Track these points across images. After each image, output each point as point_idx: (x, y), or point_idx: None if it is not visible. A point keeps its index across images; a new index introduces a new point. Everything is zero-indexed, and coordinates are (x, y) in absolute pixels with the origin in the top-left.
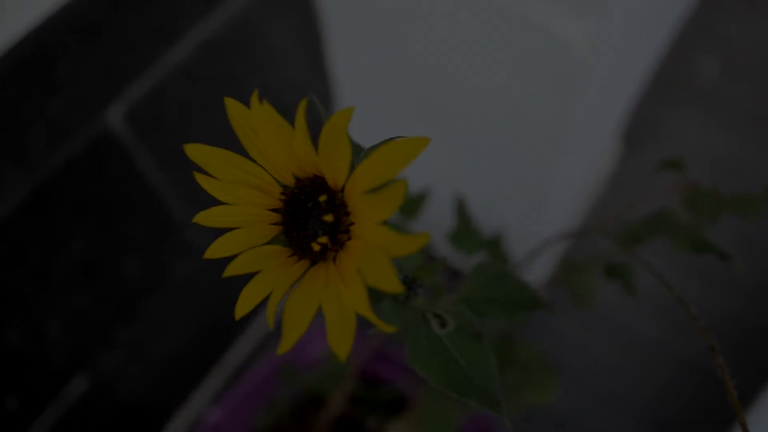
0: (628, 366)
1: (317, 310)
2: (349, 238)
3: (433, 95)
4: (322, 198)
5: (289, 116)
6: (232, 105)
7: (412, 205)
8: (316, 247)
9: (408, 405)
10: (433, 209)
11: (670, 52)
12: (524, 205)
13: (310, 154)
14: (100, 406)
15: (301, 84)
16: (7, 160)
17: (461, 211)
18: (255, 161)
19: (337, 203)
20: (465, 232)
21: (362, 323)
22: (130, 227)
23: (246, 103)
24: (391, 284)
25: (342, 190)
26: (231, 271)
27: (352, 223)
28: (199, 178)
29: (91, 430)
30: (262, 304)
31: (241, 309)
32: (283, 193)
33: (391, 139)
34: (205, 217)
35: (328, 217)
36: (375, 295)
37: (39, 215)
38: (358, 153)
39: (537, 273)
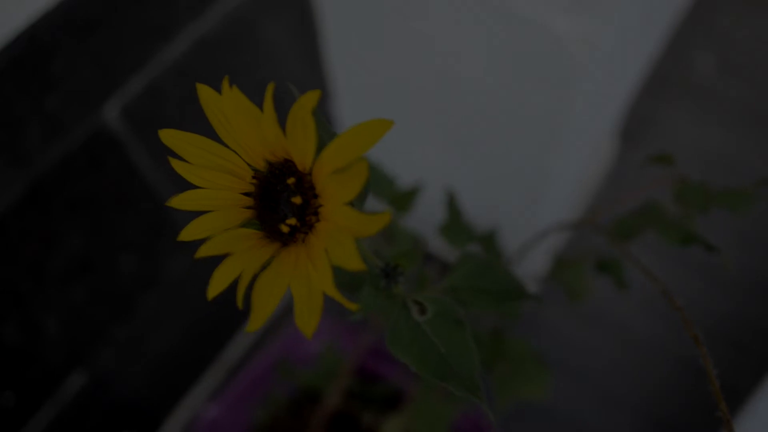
0: (626, 363)
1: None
2: (318, 220)
3: (430, 91)
4: (291, 180)
5: (285, 112)
6: (204, 90)
7: (404, 198)
8: (284, 229)
9: (403, 401)
10: (431, 205)
11: (667, 48)
12: (522, 202)
13: (279, 137)
14: (97, 403)
15: (298, 81)
16: (4, 156)
17: (452, 204)
18: (228, 146)
19: (306, 186)
20: (456, 225)
21: (347, 315)
22: (126, 223)
23: None
24: (352, 262)
25: (310, 173)
26: (203, 252)
27: (321, 205)
28: (174, 162)
29: (88, 427)
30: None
31: (214, 289)
32: (254, 177)
33: None
34: (180, 201)
35: (296, 199)
36: (354, 282)
37: (35, 211)
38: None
39: (533, 267)
